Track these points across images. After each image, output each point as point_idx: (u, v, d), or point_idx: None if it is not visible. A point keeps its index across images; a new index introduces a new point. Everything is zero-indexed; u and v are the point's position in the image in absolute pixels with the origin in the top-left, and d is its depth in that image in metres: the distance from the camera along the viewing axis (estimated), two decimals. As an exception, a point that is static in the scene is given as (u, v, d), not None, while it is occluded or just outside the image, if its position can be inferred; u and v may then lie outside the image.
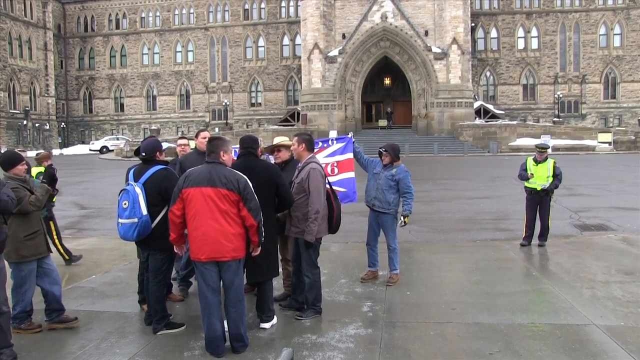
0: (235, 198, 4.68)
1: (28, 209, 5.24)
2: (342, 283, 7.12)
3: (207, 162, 4.81)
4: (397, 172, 6.98)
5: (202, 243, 4.65)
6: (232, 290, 4.79)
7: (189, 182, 4.71)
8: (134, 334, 5.45)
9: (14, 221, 5.18)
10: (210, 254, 4.66)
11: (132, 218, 5.17)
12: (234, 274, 4.79)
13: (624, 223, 11.83)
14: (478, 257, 8.66)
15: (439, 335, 5.25)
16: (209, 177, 4.67)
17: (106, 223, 12.79)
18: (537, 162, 9.44)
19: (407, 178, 6.99)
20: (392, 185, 6.96)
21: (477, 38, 58.16)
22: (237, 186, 4.69)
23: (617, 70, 57.27)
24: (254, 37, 62.53)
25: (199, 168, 4.81)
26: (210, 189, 4.65)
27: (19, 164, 5.35)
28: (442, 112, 48.60)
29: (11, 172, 5.32)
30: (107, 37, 66.49)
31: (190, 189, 4.67)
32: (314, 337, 5.21)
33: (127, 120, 66.11)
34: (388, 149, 7.07)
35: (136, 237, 5.24)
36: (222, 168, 4.78)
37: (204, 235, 4.64)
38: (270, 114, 61.37)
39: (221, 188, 4.65)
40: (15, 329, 5.23)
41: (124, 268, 8.15)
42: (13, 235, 5.18)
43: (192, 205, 4.67)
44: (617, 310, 5.91)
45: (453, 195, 17.88)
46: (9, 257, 5.24)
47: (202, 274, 4.74)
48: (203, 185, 4.65)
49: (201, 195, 4.64)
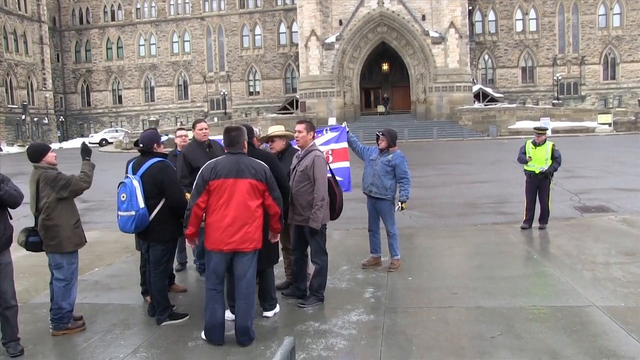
0: (263, 188, 4.75)
1: (81, 187, 5.15)
2: (343, 270, 7.16)
3: (232, 153, 4.81)
4: (393, 158, 7.00)
5: (228, 234, 4.66)
6: (244, 281, 4.80)
7: (216, 174, 4.68)
8: (138, 325, 5.49)
9: (63, 209, 5.10)
10: (235, 245, 4.68)
11: (129, 211, 5.17)
12: (249, 265, 4.82)
13: (624, 204, 11.85)
14: (479, 242, 8.69)
15: (441, 320, 5.29)
16: (237, 168, 4.70)
17: (108, 216, 12.82)
18: (535, 145, 9.43)
19: (403, 163, 7.01)
20: (388, 170, 6.97)
21: (474, 21, 57.76)
22: (265, 176, 4.77)
23: (617, 50, 56.96)
24: (251, 26, 62.21)
25: (223, 159, 4.79)
26: (241, 180, 4.68)
27: (48, 152, 5.26)
28: (441, 97, 48.46)
29: (43, 161, 5.20)
30: (103, 29, 66.16)
31: (219, 181, 4.67)
32: (317, 324, 5.25)
33: (126, 112, 65.98)
34: (385, 133, 7.11)
35: (134, 229, 5.25)
36: (248, 159, 4.82)
37: (230, 226, 4.65)
38: (269, 102, 61.22)
39: (251, 179, 4.70)
40: (62, 330, 5.18)
41: (126, 260, 8.19)
42: (64, 224, 5.11)
43: (220, 196, 4.67)
44: (618, 291, 5.94)
45: (453, 179, 17.89)
46: (63, 248, 5.12)
47: (216, 264, 4.75)
48: (232, 177, 4.67)
49: (231, 187, 4.66)
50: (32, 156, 5.21)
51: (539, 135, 9.45)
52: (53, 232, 5.08)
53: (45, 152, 5.24)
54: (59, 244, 5.11)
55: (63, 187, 5.07)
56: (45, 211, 5.05)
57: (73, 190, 5.12)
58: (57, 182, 5.07)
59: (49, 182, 5.06)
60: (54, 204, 5.07)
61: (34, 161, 5.22)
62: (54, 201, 5.06)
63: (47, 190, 5.06)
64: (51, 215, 5.05)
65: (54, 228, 5.08)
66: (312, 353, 4.59)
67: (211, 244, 4.74)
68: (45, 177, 5.07)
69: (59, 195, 5.06)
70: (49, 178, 5.07)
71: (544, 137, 9.47)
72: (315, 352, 4.62)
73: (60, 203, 5.09)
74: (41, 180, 5.07)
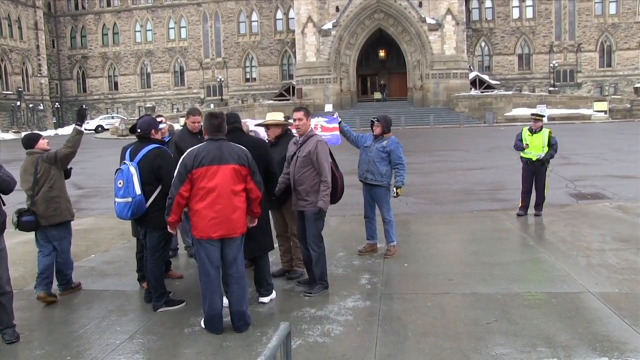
0: (246, 172, 4.74)
1: (64, 152, 5.75)
2: (340, 256, 7.17)
3: (214, 140, 4.77)
4: (388, 144, 7.00)
5: (216, 221, 4.63)
6: (235, 266, 4.80)
7: (199, 162, 4.63)
8: (134, 311, 5.50)
9: (58, 180, 5.77)
10: (224, 231, 4.66)
11: (126, 197, 5.18)
12: (238, 249, 4.82)
13: (619, 191, 11.88)
14: (475, 228, 8.72)
15: (437, 306, 5.31)
16: (220, 155, 4.67)
17: (104, 202, 12.80)
18: (532, 132, 9.43)
19: (398, 149, 7.01)
20: (383, 157, 6.98)
21: (471, 8, 57.52)
22: (247, 160, 4.76)
23: (613, 38, 56.91)
24: (247, 12, 61.79)
25: (205, 146, 4.74)
26: (225, 166, 4.65)
27: (40, 139, 5.88)
28: (438, 84, 48.39)
29: (37, 147, 5.81)
30: (99, 14, 65.62)
31: (202, 168, 4.62)
32: (313, 310, 5.26)
33: (122, 99, 65.67)
34: (380, 119, 7.12)
35: (130, 216, 5.25)
36: (229, 144, 4.80)
37: (217, 212, 4.62)
38: (265, 89, 61.01)
39: (234, 164, 4.68)
40: (68, 290, 6.00)
41: (122, 247, 8.18)
42: (62, 195, 5.81)
43: (204, 184, 4.63)
44: (612, 278, 5.97)
45: (449, 166, 17.90)
46: (64, 216, 5.79)
47: (207, 251, 4.70)
48: (215, 164, 4.64)
49: (216, 173, 4.63)
50: (26, 143, 5.86)
51: (536, 122, 9.44)
52: (55, 203, 5.72)
53: (37, 139, 5.87)
54: (59, 213, 5.74)
55: (55, 159, 5.74)
56: (48, 183, 5.68)
57: (60, 158, 5.76)
58: (51, 157, 5.75)
59: (48, 160, 5.73)
60: (57, 177, 5.75)
61: (28, 147, 5.84)
62: (56, 174, 5.75)
63: (46, 166, 5.70)
64: (54, 187, 5.72)
65: (56, 199, 5.72)
66: (308, 339, 4.61)
67: (199, 232, 4.69)
68: (46, 157, 5.75)
69: (56, 167, 5.75)
70: (49, 157, 5.74)
71: (540, 123, 9.47)
72: (311, 338, 4.64)
73: (60, 177, 5.80)
74: (43, 161, 5.71)
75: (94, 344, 4.70)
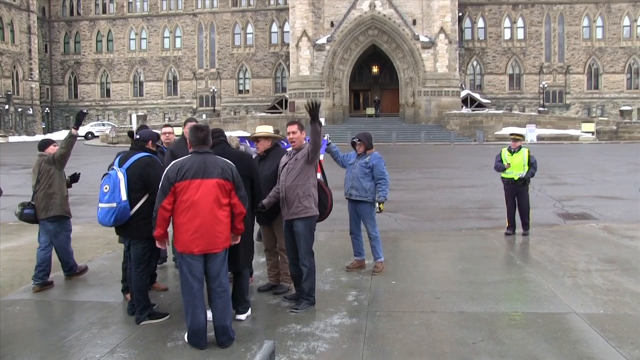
0: (230, 187, 4.67)
1: (58, 153, 6.51)
2: (327, 272, 7.13)
3: (198, 153, 4.72)
4: (370, 159, 7.04)
5: (198, 235, 4.56)
6: (218, 280, 4.74)
7: (182, 175, 4.57)
8: (116, 324, 5.40)
9: (57, 178, 6.54)
10: (205, 246, 4.60)
11: (111, 202, 5.15)
12: (221, 264, 4.75)
13: (605, 212, 11.97)
14: (463, 246, 8.72)
15: (424, 325, 5.28)
16: (204, 168, 4.61)
17: (91, 210, 12.64)
18: (512, 152, 9.49)
19: (380, 164, 7.03)
20: (366, 172, 7.01)
21: (464, 27, 58.15)
22: (232, 175, 4.69)
23: (600, 61, 57.93)
24: (243, 24, 62.01)
25: (190, 159, 4.68)
26: (209, 180, 4.58)
27: (51, 145, 6.82)
28: (430, 101, 48.66)
29: (47, 151, 6.71)
30: (94, 21, 65.56)
31: (185, 182, 4.56)
32: (299, 327, 5.21)
33: (113, 106, 65.40)
34: (361, 137, 7.16)
35: (113, 222, 5.21)
36: (214, 158, 4.75)
37: (199, 227, 4.56)
38: (258, 101, 61.05)
39: (218, 178, 4.61)
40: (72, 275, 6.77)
41: (107, 257, 8.08)
42: (58, 192, 6.53)
43: (187, 197, 4.56)
44: (597, 299, 5.98)
45: (439, 183, 17.95)
46: (57, 211, 6.50)
47: (189, 266, 4.63)
48: (199, 177, 4.58)
49: (199, 187, 4.56)
50: (39, 147, 6.84)
51: (515, 141, 9.51)
52: (52, 199, 6.47)
53: (49, 144, 6.84)
54: (53, 207, 6.47)
55: (53, 160, 6.52)
56: (48, 181, 6.47)
57: (56, 159, 6.51)
58: (50, 159, 6.56)
59: (48, 161, 6.55)
60: (56, 176, 6.52)
61: (40, 150, 6.76)
62: (56, 174, 6.52)
63: (46, 167, 6.52)
64: (52, 184, 6.48)
65: (53, 195, 6.47)
66: (293, 356, 4.55)
67: (181, 246, 4.63)
68: (47, 158, 6.58)
69: (55, 167, 6.52)
70: (49, 158, 6.57)
71: (519, 143, 9.55)
72: (296, 355, 4.58)
73: (59, 176, 6.55)
74: (44, 162, 6.56)
75: (73, 357, 4.59)
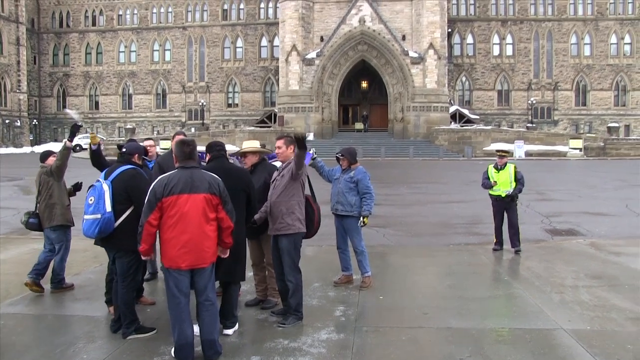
0: (217, 201, 4.65)
1: (55, 165, 6.78)
2: (315, 287, 7.11)
3: (185, 168, 4.69)
4: (355, 174, 7.09)
5: (185, 250, 4.53)
6: (206, 294, 4.72)
7: (169, 190, 4.53)
8: (102, 338, 5.35)
9: (57, 189, 6.82)
10: (192, 261, 4.56)
11: (95, 214, 5.17)
12: (209, 278, 4.74)
13: (592, 228, 12.06)
14: (451, 261, 8.74)
15: (411, 340, 5.27)
16: (192, 183, 4.58)
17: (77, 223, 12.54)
18: (498, 169, 9.51)
19: (365, 179, 7.08)
20: (351, 187, 7.06)
21: (453, 43, 58.76)
22: (218, 189, 4.68)
23: (588, 78, 58.72)
24: (232, 38, 62.24)
25: (176, 174, 4.65)
26: (196, 195, 4.56)
27: (51, 156, 7.04)
28: (418, 116, 48.99)
29: (47, 162, 6.97)
30: (83, 33, 65.49)
31: (172, 197, 4.52)
32: (286, 342, 5.18)
33: (102, 119, 65.12)
34: (344, 153, 7.21)
35: (97, 233, 5.21)
36: (201, 172, 4.74)
37: (187, 242, 4.53)
38: (247, 115, 61.11)
39: (205, 193, 4.60)
40: (58, 289, 6.78)
41: (94, 270, 8.01)
42: (60, 201, 6.81)
43: (174, 213, 4.53)
44: (584, 315, 6.02)
45: (428, 198, 18.02)
46: (56, 220, 6.75)
47: (176, 281, 4.59)
48: (186, 192, 4.55)
49: (186, 202, 4.53)
50: (41, 158, 7.11)
51: (502, 158, 9.54)
52: (53, 208, 6.77)
53: (49, 156, 7.09)
54: (55, 217, 6.75)
55: (51, 172, 6.82)
56: (48, 192, 6.78)
57: (53, 170, 6.80)
58: (48, 171, 6.87)
59: (47, 173, 6.87)
60: (55, 187, 6.81)
61: (42, 161, 7.05)
62: (55, 185, 6.81)
63: (45, 178, 6.84)
64: (52, 195, 6.79)
65: (54, 205, 6.77)
66: (280, 371, 4.53)
67: (169, 262, 4.59)
68: (45, 170, 6.91)
69: (53, 178, 6.81)
70: (47, 170, 6.89)
71: (505, 159, 9.56)
72: (283, 370, 4.55)
73: (58, 187, 6.83)
74: (44, 174, 6.89)
75: (59, 371, 4.54)
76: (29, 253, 9.24)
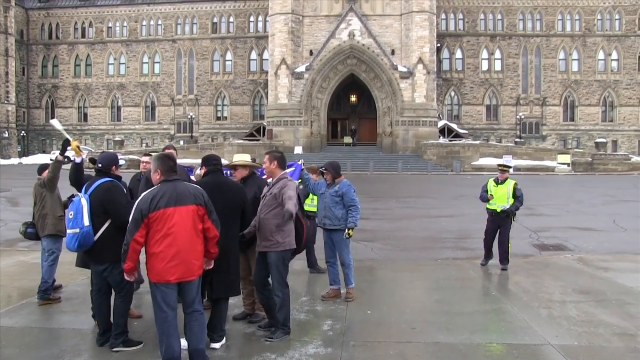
0: (203, 212, 4.65)
1: (47, 177, 6.94)
2: (303, 301, 7.10)
3: (168, 181, 4.65)
4: (340, 187, 7.16)
5: (174, 264, 4.49)
6: (194, 305, 4.70)
7: (155, 205, 4.49)
8: (89, 351, 5.30)
9: (49, 199, 6.98)
10: (181, 274, 4.53)
11: (74, 228, 5.17)
12: (197, 290, 4.72)
13: (580, 243, 12.14)
14: (439, 276, 8.75)
15: (399, 355, 5.26)
16: (176, 196, 4.56)
17: (64, 236, 12.44)
18: (497, 183, 9.51)
19: (350, 191, 7.14)
20: (337, 200, 7.12)
21: (442, 58, 59.30)
22: (203, 199, 4.68)
23: (576, 94, 59.42)
24: (222, 51, 62.39)
25: (160, 188, 4.60)
26: (182, 207, 4.54)
27: (46, 169, 7.18)
28: (407, 131, 49.25)
29: (42, 175, 7.19)
30: (72, 45, 65.35)
31: (159, 212, 4.48)
32: (273, 356, 5.16)
33: (91, 131, 64.83)
34: (327, 167, 7.27)
35: (77, 247, 5.21)
36: (185, 184, 4.74)
37: (176, 255, 4.49)
38: (236, 128, 61.11)
39: (191, 205, 4.59)
40: (46, 300, 6.78)
41: (81, 283, 7.93)
42: (51, 212, 6.95)
43: (162, 226, 4.49)
44: (572, 330, 6.04)
45: (416, 213, 18.08)
46: (47, 230, 6.91)
47: (164, 295, 4.54)
48: (172, 205, 4.52)
49: (172, 216, 4.51)
50: (38, 171, 7.40)
51: (503, 172, 9.56)
52: (46, 219, 6.96)
53: (45, 169, 7.23)
54: (46, 227, 6.93)
55: (44, 184, 7.02)
56: (41, 203, 7.00)
57: (46, 182, 6.99)
58: (42, 183, 7.08)
59: (41, 185, 7.10)
60: (48, 198, 7.01)
61: (38, 174, 7.30)
62: (48, 196, 7.01)
63: (39, 190, 7.07)
64: (45, 206, 6.99)
65: (46, 216, 6.96)
66: (267, 386, 4.50)
67: (156, 276, 4.52)
68: (40, 182, 7.15)
69: (46, 190, 7.01)
70: (41, 182, 7.12)
71: (506, 174, 9.59)
72: (271, 384, 4.53)
73: (51, 198, 7.01)
74: (38, 186, 7.12)
75: (44, 386, 4.49)
76: (14, 265, 9.16)
